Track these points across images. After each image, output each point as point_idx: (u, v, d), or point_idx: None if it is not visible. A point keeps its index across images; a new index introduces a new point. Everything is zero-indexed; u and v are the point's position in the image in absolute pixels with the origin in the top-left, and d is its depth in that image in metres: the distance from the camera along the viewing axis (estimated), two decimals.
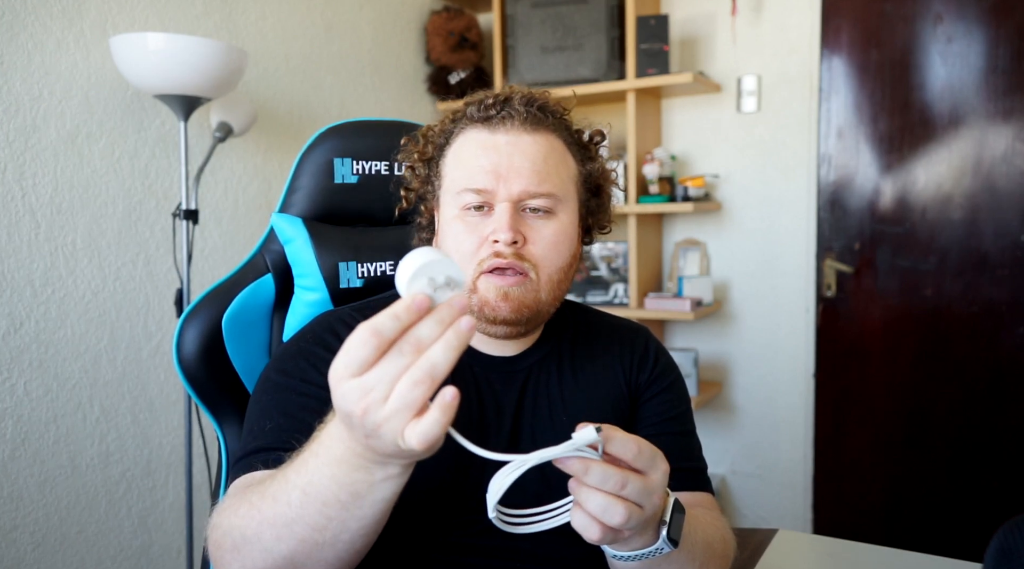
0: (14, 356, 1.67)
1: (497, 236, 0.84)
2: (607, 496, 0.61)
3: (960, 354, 2.41)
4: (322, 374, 0.83)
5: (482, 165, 0.86)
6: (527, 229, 0.86)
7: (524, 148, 0.87)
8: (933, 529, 2.47)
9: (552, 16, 2.62)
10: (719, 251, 2.74)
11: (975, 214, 2.37)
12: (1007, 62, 2.31)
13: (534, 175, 0.86)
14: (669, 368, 1.01)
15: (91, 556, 1.81)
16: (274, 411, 0.84)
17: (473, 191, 0.85)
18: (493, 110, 0.88)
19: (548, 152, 0.88)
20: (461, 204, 0.87)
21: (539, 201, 0.86)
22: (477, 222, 0.86)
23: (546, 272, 0.87)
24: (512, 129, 0.87)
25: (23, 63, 1.67)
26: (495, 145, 0.87)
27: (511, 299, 0.84)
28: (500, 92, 0.90)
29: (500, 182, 0.85)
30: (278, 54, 2.29)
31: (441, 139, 0.93)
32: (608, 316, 1.06)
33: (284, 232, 1.06)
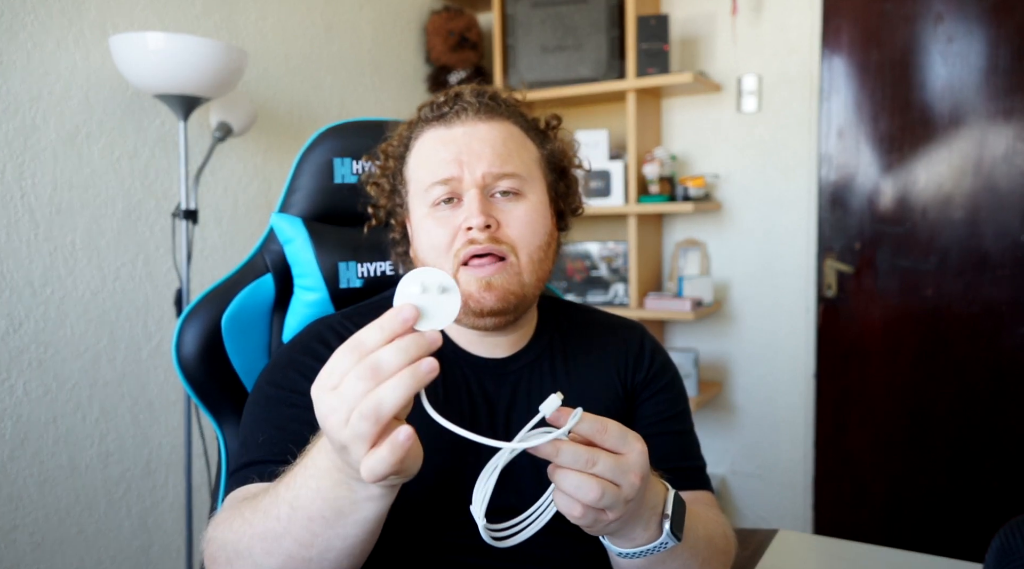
0: (13, 356, 1.67)
1: (469, 222, 0.83)
2: (579, 474, 0.63)
3: (960, 354, 2.41)
4: (307, 379, 0.83)
5: (443, 157, 0.86)
6: (498, 213, 0.86)
7: (482, 135, 0.88)
8: (933, 529, 2.47)
9: (552, 16, 2.62)
10: (719, 251, 2.74)
11: (975, 214, 2.37)
12: (1007, 62, 2.31)
13: (496, 157, 0.86)
14: (666, 366, 1.01)
15: (91, 556, 1.81)
16: (266, 424, 0.84)
17: (439, 183, 0.86)
18: (446, 107, 0.89)
19: (506, 136, 0.89)
20: (430, 201, 0.87)
21: (506, 182, 0.86)
22: (448, 215, 0.86)
23: (525, 252, 0.86)
24: (467, 120, 0.88)
25: (23, 63, 1.67)
26: (452, 137, 0.88)
27: (495, 288, 0.83)
28: (450, 91, 0.92)
29: (463, 168, 0.85)
30: (278, 54, 2.29)
31: (400, 149, 0.94)
32: (602, 314, 1.05)
33: (284, 232, 1.06)
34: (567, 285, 2.76)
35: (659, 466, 0.94)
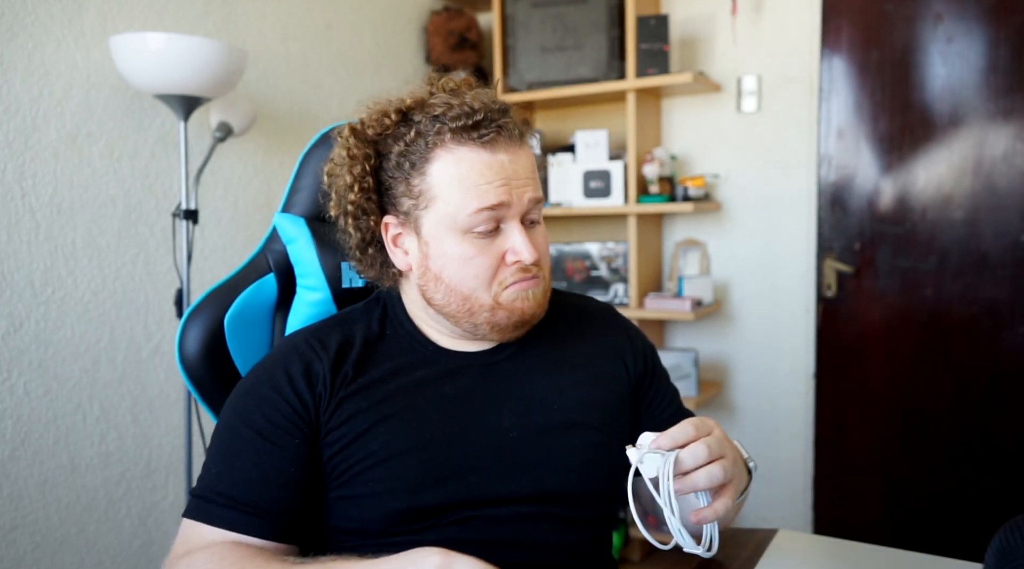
0: (14, 356, 1.67)
1: (521, 256, 0.87)
2: (705, 468, 0.75)
3: (960, 354, 2.41)
4: (264, 416, 0.86)
5: (492, 182, 0.85)
6: (531, 239, 0.89)
7: (523, 162, 0.89)
8: (933, 529, 2.48)
9: (552, 16, 2.62)
10: (719, 251, 2.75)
11: (975, 214, 2.37)
12: (1007, 62, 2.31)
13: (535, 184, 0.89)
14: (652, 351, 1.06)
15: (91, 556, 1.81)
16: (220, 456, 0.87)
17: (488, 209, 0.85)
18: (484, 127, 0.85)
19: (534, 162, 0.91)
20: (468, 227, 0.85)
21: (536, 211, 0.90)
22: (488, 244, 0.87)
23: (547, 272, 0.93)
24: (509, 145, 0.87)
25: (23, 63, 1.67)
26: (500, 164, 0.86)
27: (531, 299, 0.89)
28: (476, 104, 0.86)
29: (512, 195, 0.86)
30: (278, 54, 2.29)
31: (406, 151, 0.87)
32: (573, 296, 1.08)
33: (287, 232, 1.06)
34: (567, 285, 2.77)
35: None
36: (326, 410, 0.87)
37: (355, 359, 0.90)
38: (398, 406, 0.88)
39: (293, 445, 0.85)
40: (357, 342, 0.92)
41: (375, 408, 0.87)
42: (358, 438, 0.86)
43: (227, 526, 0.83)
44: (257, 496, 0.83)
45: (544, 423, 0.90)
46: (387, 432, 0.86)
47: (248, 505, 0.83)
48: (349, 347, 0.91)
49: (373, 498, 0.85)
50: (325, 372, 0.88)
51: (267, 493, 0.83)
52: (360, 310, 0.98)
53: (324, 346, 0.90)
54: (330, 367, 0.88)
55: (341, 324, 0.95)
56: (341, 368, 0.89)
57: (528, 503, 0.87)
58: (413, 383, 0.90)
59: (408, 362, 0.92)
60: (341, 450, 0.86)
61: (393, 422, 0.87)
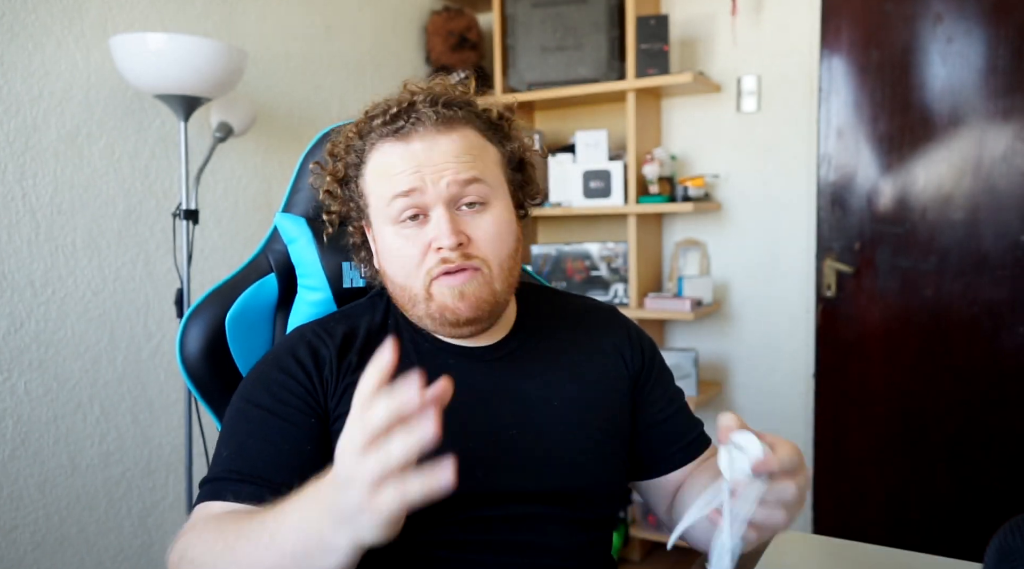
0: (14, 356, 1.67)
1: (440, 242, 0.84)
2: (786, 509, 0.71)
3: (960, 354, 2.41)
4: (273, 396, 0.85)
5: (402, 169, 0.85)
6: (467, 227, 0.86)
7: (442, 147, 0.86)
8: (933, 529, 2.48)
9: (552, 16, 2.62)
10: (719, 251, 2.75)
11: (975, 214, 2.37)
12: (1007, 62, 2.31)
13: (460, 167, 0.86)
14: (653, 349, 1.04)
15: (91, 556, 1.81)
16: (230, 439, 0.85)
17: (402, 195, 0.85)
18: (400, 120, 0.86)
19: (466, 146, 0.87)
20: (394, 217, 0.86)
21: (472, 190, 0.86)
22: (415, 233, 0.86)
23: (496, 263, 0.87)
24: (426, 134, 0.86)
25: (23, 63, 1.67)
26: (412, 153, 0.86)
27: (467, 297, 0.85)
28: (400, 98, 0.88)
29: (426, 181, 0.84)
30: (278, 54, 2.29)
31: (353, 157, 0.91)
32: (575, 296, 1.08)
33: (288, 232, 1.06)
34: (566, 285, 2.77)
35: (676, 444, 1.00)
36: (333, 395, 0.87)
37: (359, 348, 0.90)
38: None
39: (308, 423, 0.85)
40: (361, 332, 0.92)
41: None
42: None
43: (239, 499, 0.79)
44: (268, 470, 0.80)
45: (544, 421, 0.90)
46: None
47: (259, 478, 0.80)
48: (354, 337, 0.91)
49: None
50: (331, 357, 0.88)
51: (279, 467, 0.81)
52: (364, 304, 0.99)
53: (330, 334, 0.91)
54: (336, 353, 0.88)
55: (346, 317, 0.96)
56: (346, 356, 0.89)
57: (527, 502, 0.87)
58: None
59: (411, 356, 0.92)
60: None
61: None
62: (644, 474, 1.02)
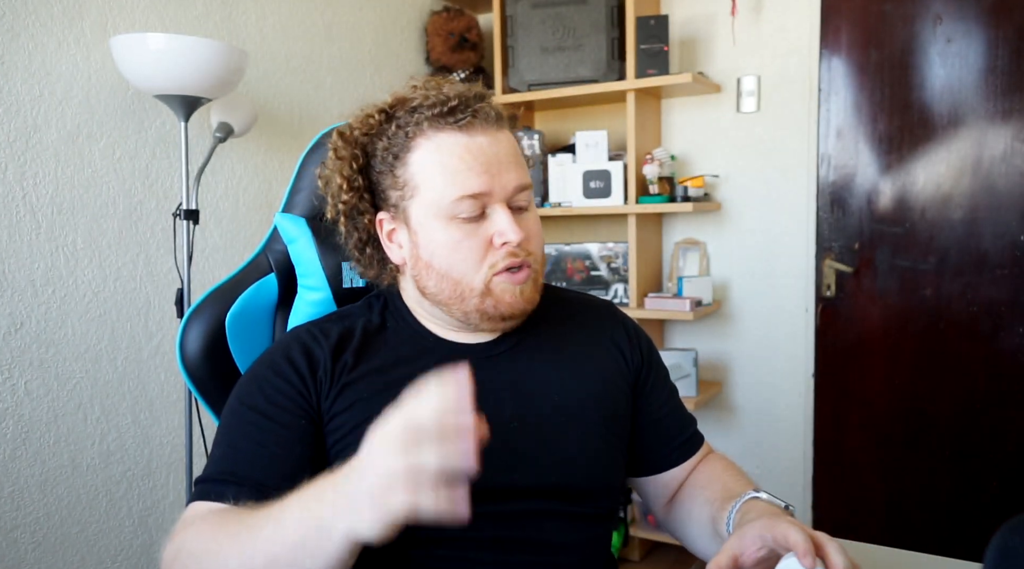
0: (15, 356, 1.67)
1: (507, 238, 0.86)
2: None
3: (960, 354, 2.42)
4: (267, 398, 0.86)
5: (472, 168, 0.85)
6: (520, 223, 0.88)
7: (503, 145, 0.88)
8: (933, 529, 2.48)
9: (552, 16, 2.62)
10: (719, 251, 2.75)
11: (974, 214, 2.38)
12: (1006, 62, 2.31)
13: (519, 169, 0.88)
14: (650, 345, 1.05)
15: (92, 556, 1.82)
16: (224, 440, 0.86)
17: (470, 197, 0.85)
18: (460, 112, 0.87)
19: (516, 146, 0.91)
20: (453, 213, 0.86)
21: (524, 195, 0.89)
22: (473, 228, 0.87)
23: (539, 260, 0.91)
24: (487, 129, 0.87)
25: (24, 63, 1.67)
26: (480, 147, 0.86)
27: (525, 294, 0.89)
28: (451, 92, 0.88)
29: (495, 181, 0.86)
30: (278, 54, 2.29)
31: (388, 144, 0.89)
32: (572, 292, 1.09)
33: (287, 232, 1.06)
34: (566, 285, 2.77)
35: (673, 441, 1.01)
36: (327, 396, 0.87)
37: (355, 348, 0.91)
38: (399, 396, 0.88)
39: (299, 425, 0.85)
40: (357, 332, 0.92)
41: (377, 397, 0.87)
42: (360, 425, 0.85)
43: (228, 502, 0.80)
44: (259, 473, 0.82)
45: (544, 415, 0.91)
46: None
47: (250, 481, 0.81)
48: (350, 337, 0.92)
49: None
50: (326, 358, 0.88)
51: (270, 470, 0.82)
52: (360, 306, 0.99)
53: (325, 335, 0.91)
54: (330, 354, 0.89)
55: (342, 318, 0.96)
56: (341, 356, 0.89)
57: (527, 498, 0.87)
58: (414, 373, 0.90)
59: (409, 352, 0.92)
60: (344, 437, 0.86)
61: None
62: (641, 471, 1.03)
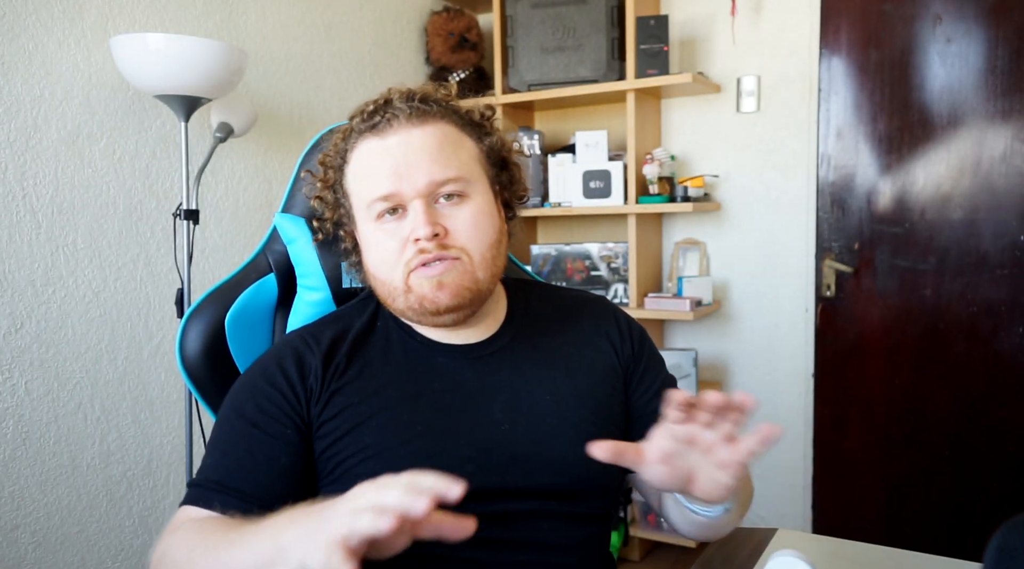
0: (15, 356, 1.67)
1: (416, 233, 0.85)
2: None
3: (959, 354, 2.42)
4: (257, 406, 0.87)
5: (380, 170, 0.87)
6: (444, 219, 0.87)
7: (417, 143, 0.87)
8: (933, 529, 2.48)
9: (552, 16, 2.62)
10: (719, 251, 2.75)
11: (974, 214, 2.38)
12: (1006, 62, 2.31)
13: (434, 164, 0.87)
14: (643, 336, 1.04)
15: (92, 555, 1.82)
16: (215, 446, 0.88)
17: (380, 199, 0.87)
18: (377, 116, 0.89)
19: (442, 139, 0.89)
20: (374, 215, 0.88)
21: (448, 187, 0.87)
22: (395, 227, 0.88)
23: (477, 252, 0.88)
24: (400, 128, 0.88)
25: (24, 64, 1.68)
26: (387, 148, 0.88)
27: (447, 285, 0.86)
28: (379, 97, 0.91)
29: (403, 181, 0.86)
30: (278, 54, 2.29)
31: (338, 161, 0.93)
32: (566, 290, 1.08)
33: (287, 232, 1.06)
34: (566, 285, 2.77)
35: None
36: (318, 403, 0.88)
37: (347, 351, 0.91)
38: (390, 400, 0.88)
39: (284, 435, 0.86)
40: (350, 335, 0.93)
41: (367, 402, 0.88)
42: (350, 432, 0.86)
43: (216, 510, 0.83)
44: (245, 483, 0.84)
45: (535, 416, 0.90)
46: (379, 426, 0.86)
47: (236, 491, 0.83)
48: (342, 341, 0.92)
49: None
50: (317, 365, 0.89)
51: (254, 480, 0.84)
52: (355, 307, 1.00)
53: (317, 341, 0.92)
54: (322, 360, 0.90)
55: (336, 320, 0.97)
56: (333, 360, 0.90)
57: (523, 498, 0.87)
58: (404, 376, 0.91)
59: (399, 355, 0.93)
60: (333, 443, 0.87)
61: (385, 416, 0.87)
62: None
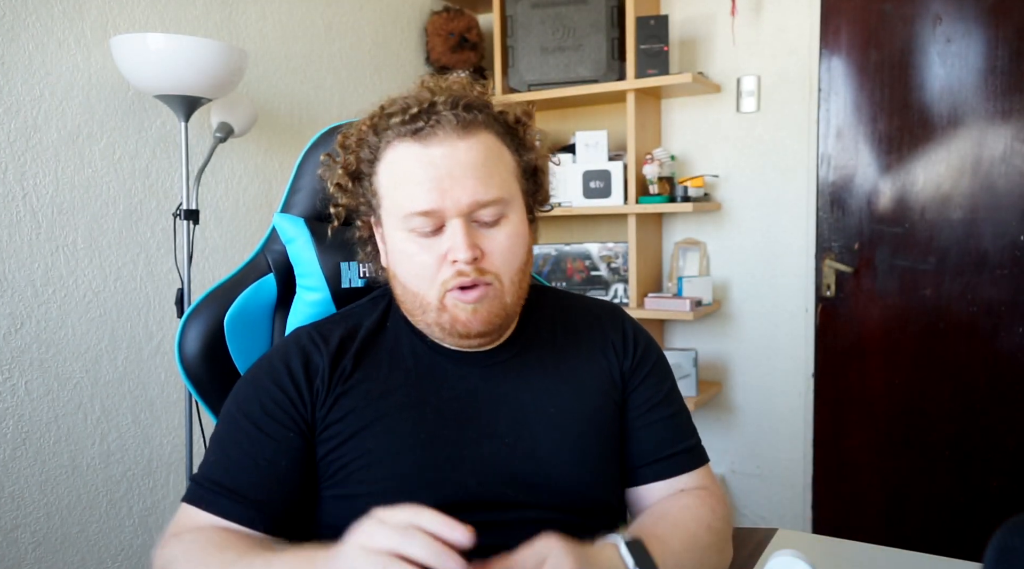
0: (15, 356, 1.67)
1: (456, 256, 0.82)
2: None
3: (959, 354, 2.42)
4: (262, 407, 0.86)
5: (422, 182, 0.82)
6: (482, 240, 0.84)
7: (462, 157, 0.83)
8: (933, 529, 2.48)
9: (552, 16, 2.62)
10: (719, 251, 2.75)
11: (974, 214, 2.38)
12: (1006, 62, 2.31)
13: (479, 183, 0.82)
14: (649, 349, 0.99)
15: (92, 555, 1.82)
16: (218, 444, 0.87)
17: (420, 214, 0.82)
18: (420, 121, 0.83)
19: (486, 155, 0.84)
20: (409, 227, 0.84)
21: (489, 209, 0.84)
22: (430, 242, 0.84)
23: (508, 277, 0.86)
24: (446, 138, 0.83)
25: (24, 63, 1.68)
26: (430, 159, 0.82)
27: (480, 313, 0.84)
28: (420, 97, 0.85)
29: (446, 198, 0.82)
30: (278, 54, 2.29)
31: (367, 153, 0.88)
32: (581, 297, 1.05)
33: (286, 232, 1.06)
34: (566, 285, 2.77)
35: (653, 455, 0.94)
36: (323, 406, 0.87)
37: (355, 352, 0.90)
38: (394, 405, 0.87)
39: (287, 438, 0.85)
40: (359, 336, 0.91)
41: (373, 405, 0.86)
42: (353, 436, 0.85)
43: (216, 513, 0.83)
44: (244, 485, 0.83)
45: (539, 431, 0.89)
46: (383, 432, 0.85)
47: (235, 493, 0.83)
48: (351, 341, 0.91)
49: (366, 498, 0.84)
50: (324, 366, 0.88)
51: (254, 482, 0.83)
52: (365, 305, 0.98)
53: (326, 340, 0.90)
54: (329, 361, 0.88)
55: (345, 319, 0.95)
56: (340, 362, 0.89)
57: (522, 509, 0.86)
58: (411, 381, 0.89)
59: (408, 359, 0.91)
60: (336, 447, 0.86)
61: (388, 421, 0.86)
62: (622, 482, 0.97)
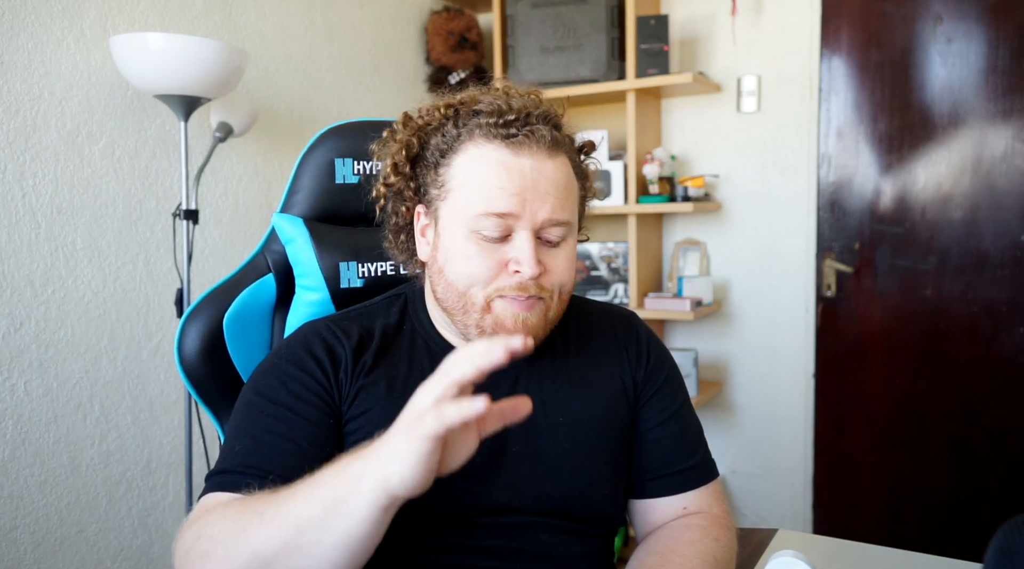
0: (14, 356, 1.67)
1: (521, 268, 0.82)
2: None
3: (960, 354, 2.42)
4: (290, 392, 0.84)
5: (505, 187, 0.82)
6: (544, 257, 0.85)
7: (550, 174, 0.84)
8: (933, 529, 2.48)
9: (552, 16, 2.62)
10: (719, 251, 2.75)
11: (975, 214, 2.38)
12: (1007, 62, 2.31)
13: (557, 203, 0.84)
14: (661, 360, 1.00)
15: (91, 556, 1.82)
16: (243, 432, 0.83)
17: (495, 215, 0.82)
18: (514, 127, 0.84)
19: (566, 179, 0.86)
20: (475, 227, 0.83)
21: (559, 229, 0.85)
22: (492, 248, 0.83)
23: (558, 294, 0.87)
24: (537, 152, 0.83)
25: (23, 63, 1.67)
26: (519, 168, 0.82)
27: (526, 325, 0.84)
28: (516, 105, 0.86)
29: (525, 208, 0.82)
30: (278, 54, 2.29)
31: (440, 141, 0.87)
32: (595, 304, 1.04)
33: (285, 232, 1.06)
34: None
35: (660, 470, 0.94)
36: (347, 398, 0.86)
37: (375, 350, 0.89)
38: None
39: (328, 424, 0.83)
40: (377, 334, 0.91)
41: (392, 405, 0.85)
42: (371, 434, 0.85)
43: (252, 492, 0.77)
44: (287, 469, 0.77)
45: (547, 440, 0.89)
46: None
47: (276, 476, 0.77)
48: (369, 338, 0.90)
49: None
50: (347, 358, 0.87)
51: (298, 466, 0.77)
52: (379, 304, 0.97)
53: (346, 334, 0.89)
54: (351, 355, 0.87)
55: (360, 317, 0.94)
56: (361, 357, 0.88)
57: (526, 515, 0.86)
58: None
59: (425, 361, 0.90)
60: (356, 443, 0.85)
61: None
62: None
